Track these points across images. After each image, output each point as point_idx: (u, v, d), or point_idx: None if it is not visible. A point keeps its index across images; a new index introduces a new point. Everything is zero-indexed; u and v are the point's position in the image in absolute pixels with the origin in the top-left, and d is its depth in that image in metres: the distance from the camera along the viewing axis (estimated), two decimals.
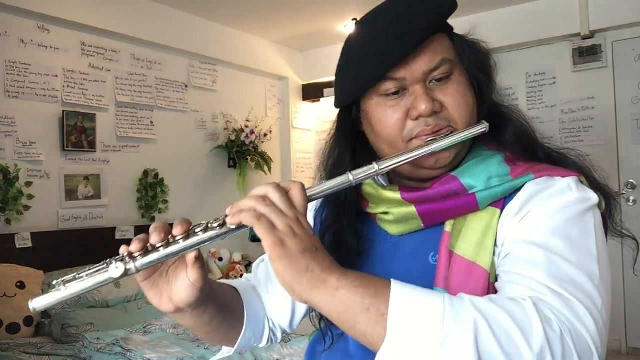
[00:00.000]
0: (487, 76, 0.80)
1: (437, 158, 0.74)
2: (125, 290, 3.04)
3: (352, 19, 0.86)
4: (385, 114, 0.76)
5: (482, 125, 0.75)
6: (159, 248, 0.63)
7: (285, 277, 0.59)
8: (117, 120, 3.61)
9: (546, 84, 4.04)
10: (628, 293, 3.68)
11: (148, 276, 0.70)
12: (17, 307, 2.63)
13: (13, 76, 3.07)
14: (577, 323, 0.56)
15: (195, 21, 4.11)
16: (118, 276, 0.61)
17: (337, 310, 0.58)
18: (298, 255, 0.59)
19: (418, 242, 0.78)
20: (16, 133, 3.07)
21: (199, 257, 0.67)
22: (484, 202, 0.72)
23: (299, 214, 0.64)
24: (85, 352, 2.30)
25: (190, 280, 0.68)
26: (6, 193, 2.98)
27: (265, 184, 0.66)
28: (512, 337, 0.53)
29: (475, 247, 0.70)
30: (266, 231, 0.60)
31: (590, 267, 0.62)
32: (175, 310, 0.71)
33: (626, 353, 3.70)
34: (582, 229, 0.66)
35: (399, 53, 0.72)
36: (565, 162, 0.77)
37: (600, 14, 3.73)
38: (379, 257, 0.81)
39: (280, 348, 2.30)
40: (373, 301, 0.57)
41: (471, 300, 0.56)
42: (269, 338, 0.91)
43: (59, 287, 0.62)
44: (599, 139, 3.84)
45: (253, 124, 4.42)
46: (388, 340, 0.55)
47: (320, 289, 0.58)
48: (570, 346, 0.54)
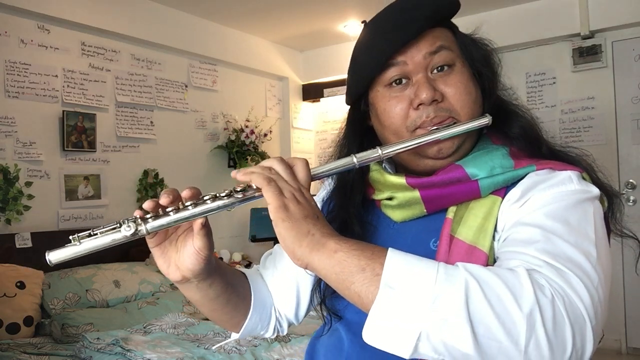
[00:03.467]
0: (491, 70, 0.82)
1: (440, 147, 0.76)
2: (125, 290, 3.04)
3: (362, 22, 0.88)
4: (390, 103, 0.78)
5: (485, 118, 0.77)
6: (169, 213, 0.66)
7: (287, 240, 0.62)
8: (117, 120, 3.61)
9: (546, 84, 4.04)
10: (628, 293, 3.68)
11: (159, 243, 0.73)
12: (17, 307, 2.63)
13: (13, 76, 3.07)
14: (571, 292, 0.56)
15: (195, 21, 4.11)
16: (129, 235, 0.65)
17: (334, 272, 0.60)
18: (300, 220, 0.63)
19: (420, 228, 0.79)
20: (16, 133, 3.07)
21: (205, 225, 0.70)
22: (486, 189, 0.74)
23: (302, 186, 0.67)
24: (85, 352, 2.30)
25: (196, 247, 0.71)
26: (6, 193, 2.98)
27: (271, 158, 0.70)
28: (502, 299, 0.54)
29: (475, 231, 0.72)
30: (273, 194, 0.63)
31: (587, 248, 0.62)
32: (182, 279, 0.74)
33: (626, 353, 3.70)
34: (581, 216, 0.66)
35: (400, 39, 0.76)
36: (569, 159, 0.78)
37: (600, 14, 3.73)
38: (381, 243, 0.81)
39: (281, 348, 2.30)
40: (369, 262, 0.59)
41: (464, 266, 0.57)
42: (275, 328, 0.92)
43: (74, 242, 0.66)
44: (599, 139, 3.84)
45: (253, 124, 4.43)
46: (379, 298, 0.56)
47: (320, 251, 0.61)
48: (562, 311, 0.54)
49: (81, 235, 0.66)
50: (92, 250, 0.66)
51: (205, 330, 2.58)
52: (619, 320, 3.69)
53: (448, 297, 0.54)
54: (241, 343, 2.35)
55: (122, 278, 3.09)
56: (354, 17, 4.26)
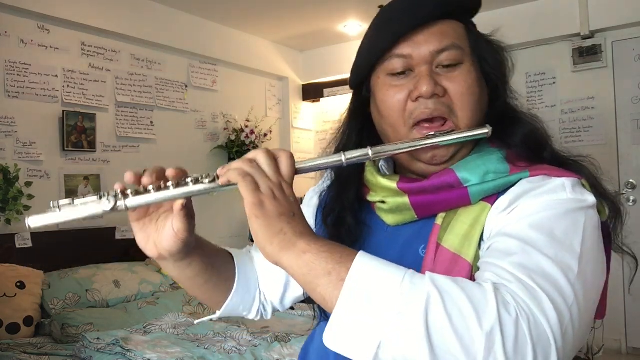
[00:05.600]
0: (501, 75, 0.80)
1: (434, 154, 0.75)
2: (125, 290, 3.04)
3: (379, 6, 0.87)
4: (389, 93, 0.76)
5: (485, 129, 0.74)
6: (150, 190, 0.66)
7: (259, 237, 0.62)
8: (117, 120, 3.61)
9: (546, 84, 4.04)
10: (628, 293, 3.67)
11: (139, 218, 0.73)
12: (17, 307, 2.63)
13: (13, 76, 3.07)
14: (537, 311, 0.54)
15: (195, 21, 4.11)
16: (108, 210, 0.65)
17: (302, 273, 0.60)
18: (274, 218, 0.62)
19: (411, 233, 0.78)
20: (16, 133, 3.07)
21: (185, 207, 0.70)
22: (476, 196, 0.72)
23: (283, 180, 0.65)
24: (85, 352, 2.29)
25: (174, 229, 0.71)
26: (6, 193, 2.98)
27: (257, 149, 0.68)
28: (463, 314, 0.52)
29: (461, 239, 0.70)
30: (248, 190, 0.62)
31: (567, 263, 0.59)
32: (159, 256, 0.75)
33: (626, 353, 3.70)
34: (569, 226, 0.63)
35: (405, 24, 0.74)
36: (571, 165, 0.75)
37: (600, 14, 3.73)
38: (374, 245, 0.81)
39: (281, 348, 2.30)
40: (335, 266, 0.58)
41: (431, 277, 0.56)
42: (259, 311, 0.92)
43: (54, 209, 0.65)
44: (599, 139, 3.84)
45: (253, 124, 4.43)
46: (340, 303, 0.56)
47: (289, 251, 0.60)
48: (525, 332, 0.52)
49: (62, 203, 0.65)
50: (71, 220, 0.66)
51: (205, 330, 2.58)
52: (619, 320, 3.69)
53: (408, 309, 0.53)
54: (241, 343, 2.35)
55: (122, 278, 3.09)
56: (354, 17, 4.26)
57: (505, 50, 0.81)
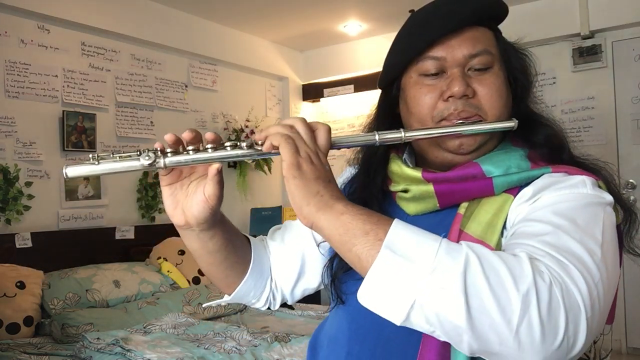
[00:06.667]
0: (527, 80, 0.84)
1: (461, 142, 0.77)
2: (125, 290, 3.04)
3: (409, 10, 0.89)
4: (421, 91, 0.79)
5: (511, 122, 0.78)
6: (189, 151, 0.67)
7: (296, 197, 0.64)
8: (117, 120, 3.62)
9: (546, 84, 4.04)
10: (628, 293, 3.68)
11: (171, 182, 0.75)
12: (17, 307, 2.63)
13: (13, 76, 3.07)
14: (569, 281, 0.56)
15: (195, 21, 4.11)
16: (146, 164, 0.66)
17: (338, 232, 0.61)
18: (311, 180, 0.64)
19: (432, 223, 0.79)
20: (16, 133, 3.07)
21: (220, 172, 0.72)
22: (500, 187, 0.74)
23: (319, 150, 0.68)
24: (85, 352, 2.30)
25: (206, 194, 0.73)
26: (6, 193, 2.98)
27: (294, 117, 0.71)
28: (500, 276, 0.54)
29: (484, 227, 0.72)
30: (289, 152, 0.65)
31: (591, 247, 0.61)
32: (185, 224, 0.76)
33: (626, 353, 3.70)
34: (590, 217, 0.66)
35: (441, 28, 0.77)
36: (589, 168, 0.78)
37: (600, 14, 3.73)
38: None
39: (281, 348, 2.30)
40: (373, 227, 0.60)
41: (467, 243, 0.58)
42: (268, 299, 0.93)
43: (93, 161, 0.66)
44: (599, 139, 3.84)
45: (253, 124, 4.43)
46: (378, 262, 0.57)
47: (327, 212, 0.63)
48: (558, 297, 0.54)
49: (101, 155, 0.66)
50: (108, 172, 0.67)
51: (205, 330, 2.58)
52: (619, 320, 3.69)
53: (446, 268, 0.55)
54: (241, 343, 2.35)
55: (122, 278, 3.09)
56: (354, 17, 4.26)
57: (530, 56, 0.86)
